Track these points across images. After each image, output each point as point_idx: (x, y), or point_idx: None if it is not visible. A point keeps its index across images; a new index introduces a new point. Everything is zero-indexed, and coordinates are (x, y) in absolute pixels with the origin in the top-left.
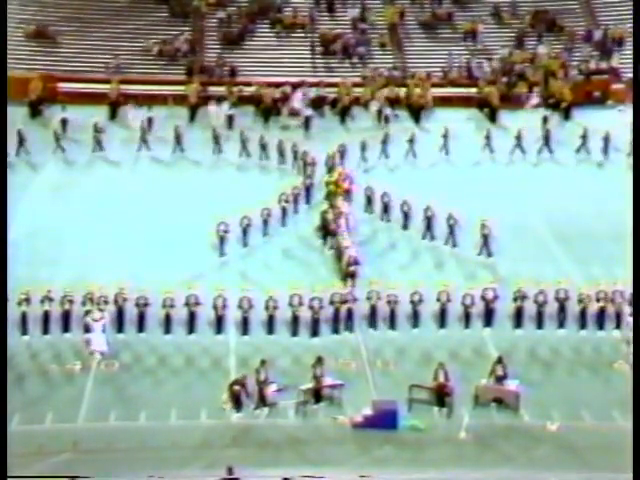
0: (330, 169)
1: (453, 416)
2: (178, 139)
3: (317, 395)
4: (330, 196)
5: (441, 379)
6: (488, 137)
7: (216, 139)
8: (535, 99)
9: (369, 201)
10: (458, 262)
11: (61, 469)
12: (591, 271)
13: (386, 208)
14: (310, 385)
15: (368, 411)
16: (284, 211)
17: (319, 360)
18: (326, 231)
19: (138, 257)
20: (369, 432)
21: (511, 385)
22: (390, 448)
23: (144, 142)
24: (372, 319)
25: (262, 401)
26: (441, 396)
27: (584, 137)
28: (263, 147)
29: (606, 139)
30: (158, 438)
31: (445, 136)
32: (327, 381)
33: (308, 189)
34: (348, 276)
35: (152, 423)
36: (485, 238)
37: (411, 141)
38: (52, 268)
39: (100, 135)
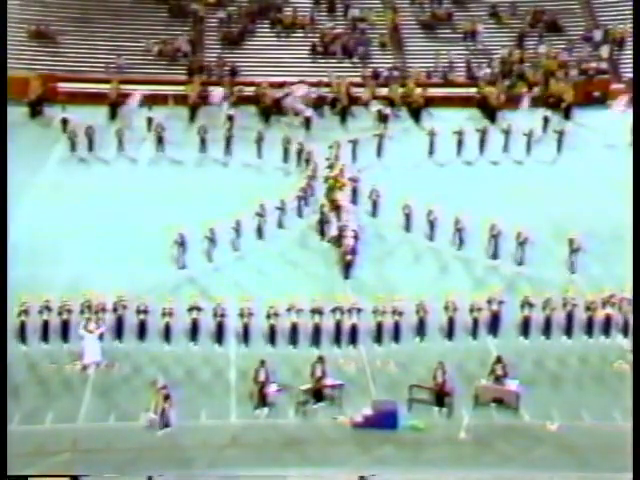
0: (331, 165)
1: (453, 416)
2: (203, 140)
3: (317, 395)
4: (330, 191)
5: (440, 379)
6: (485, 137)
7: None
8: (526, 102)
9: (408, 220)
10: (465, 266)
11: (61, 469)
12: (592, 271)
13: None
14: (310, 385)
15: (368, 411)
16: (259, 227)
17: (320, 360)
18: (325, 224)
19: (138, 258)
20: (369, 432)
21: (511, 385)
22: (390, 448)
23: (159, 143)
24: (377, 335)
25: (262, 401)
26: (441, 396)
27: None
28: (258, 143)
29: (606, 138)
30: (158, 438)
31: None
32: (327, 381)
33: (299, 199)
34: (346, 265)
35: None
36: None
37: (432, 134)
38: (52, 268)
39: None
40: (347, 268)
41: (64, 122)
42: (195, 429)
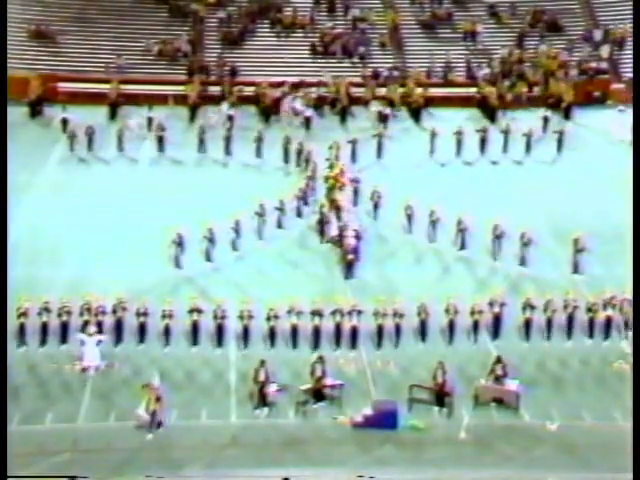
0: (331, 165)
1: (453, 416)
2: (202, 139)
3: (317, 395)
4: (330, 191)
5: (440, 379)
6: (485, 137)
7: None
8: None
9: (410, 220)
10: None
11: (61, 469)
12: (593, 272)
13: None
14: (310, 385)
15: (368, 411)
16: (259, 227)
17: (320, 359)
18: (325, 224)
19: (139, 258)
20: (369, 432)
21: (511, 385)
22: (390, 448)
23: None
24: (378, 338)
25: (262, 401)
26: (441, 396)
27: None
28: (258, 143)
29: (606, 138)
30: (158, 438)
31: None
32: (327, 381)
33: (298, 199)
34: (348, 265)
35: None
36: (525, 245)
37: (433, 134)
38: (52, 268)
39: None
40: (349, 268)
41: (64, 122)
42: (195, 429)
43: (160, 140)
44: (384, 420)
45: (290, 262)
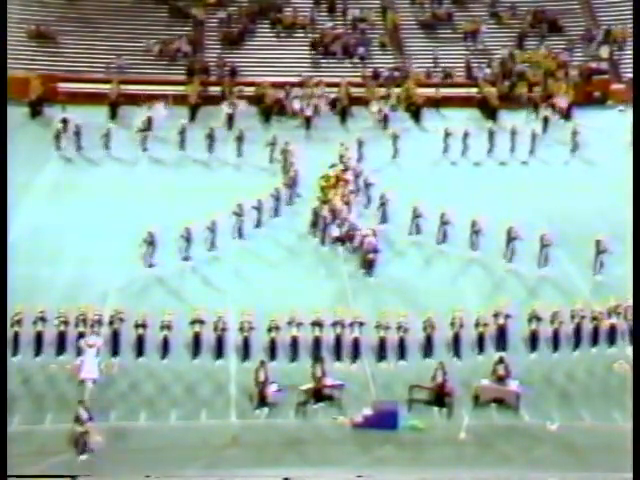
0: (332, 165)
1: (453, 416)
2: (182, 138)
3: (317, 395)
4: (331, 189)
5: (440, 379)
6: (489, 137)
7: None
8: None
9: (418, 223)
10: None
11: (61, 469)
12: (596, 275)
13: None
14: (310, 385)
15: (368, 411)
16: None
17: (320, 360)
18: (320, 225)
19: (138, 259)
20: (369, 432)
21: (511, 385)
22: (390, 448)
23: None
24: (381, 352)
25: (262, 401)
26: (441, 396)
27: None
28: (239, 142)
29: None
30: (158, 438)
31: (465, 135)
32: (327, 381)
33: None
34: (367, 263)
35: (152, 423)
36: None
37: (447, 134)
38: (52, 268)
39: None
40: (370, 266)
41: (64, 122)
42: (195, 429)
43: (144, 139)
44: (384, 420)
45: (288, 263)
